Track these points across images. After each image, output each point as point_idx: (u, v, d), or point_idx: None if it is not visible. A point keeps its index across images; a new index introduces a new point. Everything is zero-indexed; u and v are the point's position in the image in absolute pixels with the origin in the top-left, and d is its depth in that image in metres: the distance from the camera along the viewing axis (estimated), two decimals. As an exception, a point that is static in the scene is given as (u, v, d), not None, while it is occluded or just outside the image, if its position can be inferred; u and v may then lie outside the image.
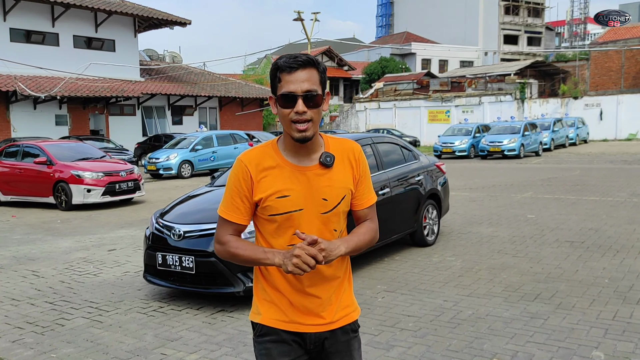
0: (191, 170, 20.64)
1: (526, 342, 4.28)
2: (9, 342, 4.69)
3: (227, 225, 2.05)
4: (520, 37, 63.89)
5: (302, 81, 1.91)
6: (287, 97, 1.92)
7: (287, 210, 1.97)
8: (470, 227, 8.98)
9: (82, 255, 7.99)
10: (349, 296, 2.13)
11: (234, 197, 2.02)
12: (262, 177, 1.99)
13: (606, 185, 13.71)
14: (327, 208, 2.01)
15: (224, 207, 2.06)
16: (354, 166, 2.08)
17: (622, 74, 41.85)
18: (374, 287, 5.89)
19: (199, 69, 38.20)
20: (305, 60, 1.92)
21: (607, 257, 6.75)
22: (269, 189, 1.98)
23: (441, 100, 39.75)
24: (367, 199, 2.14)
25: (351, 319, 2.11)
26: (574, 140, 32.08)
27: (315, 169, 2.01)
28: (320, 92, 1.95)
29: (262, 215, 2.03)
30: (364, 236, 2.09)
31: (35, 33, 26.61)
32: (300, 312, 2.03)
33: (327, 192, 2.00)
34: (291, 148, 2.01)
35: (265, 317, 2.06)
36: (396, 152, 7.69)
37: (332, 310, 2.06)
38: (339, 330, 2.08)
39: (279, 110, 1.97)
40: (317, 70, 1.95)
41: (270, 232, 2.04)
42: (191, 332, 4.77)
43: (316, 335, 2.05)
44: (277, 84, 1.95)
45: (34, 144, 14.06)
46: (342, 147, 2.08)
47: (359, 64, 58.74)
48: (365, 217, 2.15)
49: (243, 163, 2.01)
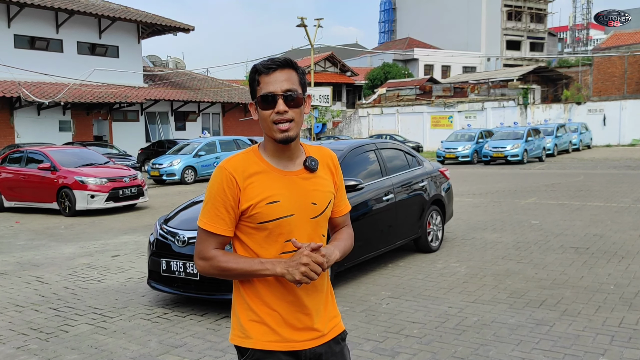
0: (194, 176, 20.66)
1: (532, 349, 4.25)
2: (13, 348, 4.68)
3: (210, 239, 1.93)
4: (523, 42, 63.97)
5: (281, 81, 1.88)
6: (266, 98, 1.88)
7: (278, 216, 1.89)
8: (475, 233, 8.95)
9: (86, 261, 7.99)
10: (334, 306, 2.08)
11: (218, 208, 1.90)
12: (249, 184, 1.89)
13: (610, 191, 13.68)
14: (317, 212, 1.96)
15: (206, 220, 1.92)
16: (334, 172, 2.07)
17: (625, 80, 41.81)
18: (378, 294, 5.87)
19: (202, 74, 38.30)
20: (283, 61, 1.90)
21: (613, 263, 6.72)
22: (258, 195, 1.89)
23: (444, 106, 39.77)
24: (345, 205, 2.14)
25: (340, 328, 2.08)
26: (577, 146, 32.04)
27: (301, 174, 1.96)
28: (300, 92, 1.91)
29: (248, 225, 1.92)
30: (347, 241, 2.09)
31: (39, 39, 26.74)
32: (293, 328, 1.93)
33: (315, 196, 1.96)
34: (274, 153, 1.96)
35: (256, 341, 1.92)
36: (400, 157, 7.68)
37: (323, 322, 2.00)
38: (332, 341, 2.02)
39: (259, 113, 1.93)
40: (296, 72, 1.92)
41: (258, 242, 1.93)
42: (195, 339, 4.76)
43: (311, 352, 1.96)
44: (256, 87, 1.91)
45: (37, 150, 14.10)
46: (321, 154, 2.06)
47: (361, 70, 58.86)
48: (343, 224, 2.15)
49: (227, 170, 1.90)
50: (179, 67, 40.74)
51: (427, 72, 58.27)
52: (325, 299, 2.02)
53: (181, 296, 5.79)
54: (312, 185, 1.96)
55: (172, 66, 41.31)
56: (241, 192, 1.89)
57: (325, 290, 2.03)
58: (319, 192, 1.97)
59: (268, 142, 1.96)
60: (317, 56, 47.75)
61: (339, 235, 2.10)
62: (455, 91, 42.63)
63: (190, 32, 32.22)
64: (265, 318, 1.92)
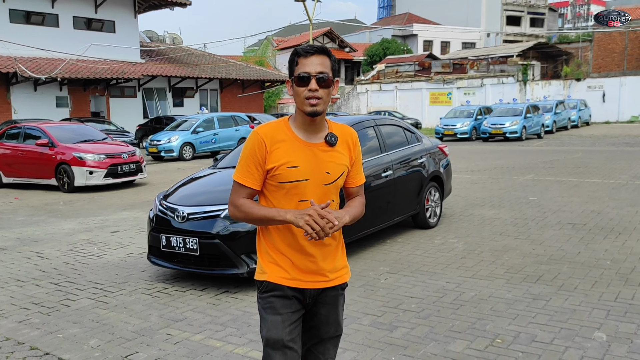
0: (192, 152, 20.62)
1: (528, 323, 4.31)
2: (15, 322, 4.73)
3: (241, 190, 2.31)
4: (523, 18, 63.33)
5: (316, 64, 2.21)
6: (302, 77, 2.21)
7: (295, 179, 2.25)
8: (473, 210, 8.99)
9: (86, 237, 8.02)
10: (343, 260, 2.45)
11: (249, 165, 2.27)
12: (275, 149, 2.24)
13: (608, 168, 13.70)
14: (329, 180, 2.30)
15: (239, 174, 2.31)
16: (352, 149, 2.40)
17: (626, 56, 41.55)
18: (376, 269, 5.92)
19: (199, 50, 37.96)
20: (320, 48, 2.25)
21: (609, 240, 6.77)
22: (281, 159, 2.24)
23: (443, 82, 39.57)
24: (359, 178, 2.47)
25: (344, 279, 2.45)
26: (576, 123, 31.99)
27: (321, 146, 2.30)
28: (331, 76, 2.24)
29: (272, 182, 2.28)
30: (358, 209, 2.42)
31: (34, 14, 26.41)
32: (301, 270, 2.31)
33: (330, 166, 2.30)
34: (301, 125, 2.29)
35: (270, 275, 2.32)
36: (399, 134, 7.67)
37: (330, 270, 2.36)
38: (332, 288, 2.40)
39: (294, 89, 2.25)
40: (329, 58, 2.26)
41: (278, 198, 2.29)
42: (196, 313, 4.81)
43: (314, 291, 2.35)
44: (295, 67, 2.24)
45: (35, 126, 14.04)
46: (343, 132, 2.38)
47: (360, 46, 58.36)
48: (356, 194, 2.48)
49: (259, 135, 2.26)
50: (176, 43, 40.37)
51: (426, 48, 57.77)
52: (334, 251, 2.38)
53: (181, 271, 5.83)
54: (329, 157, 2.30)
55: (169, 42, 40.93)
56: (268, 154, 2.25)
57: (335, 244, 2.38)
58: (334, 163, 2.31)
59: (298, 115, 2.29)
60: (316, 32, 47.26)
61: (352, 203, 2.44)
62: (455, 67, 42.38)
63: (187, 7, 31.86)
64: (278, 260, 2.33)
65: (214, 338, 4.26)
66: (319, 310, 2.40)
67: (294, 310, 2.32)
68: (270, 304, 2.32)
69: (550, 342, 3.96)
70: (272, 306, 2.31)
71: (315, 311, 2.41)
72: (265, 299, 2.34)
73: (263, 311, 2.35)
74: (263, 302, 2.35)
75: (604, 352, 3.77)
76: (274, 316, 2.30)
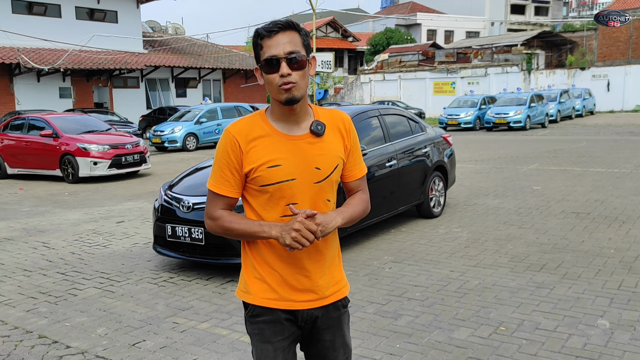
0: (196, 142, 20.65)
1: (532, 311, 4.33)
2: (23, 311, 4.78)
3: (218, 200, 1.99)
4: (528, 6, 62.92)
5: (283, 44, 1.85)
6: (270, 62, 1.86)
7: (278, 180, 1.91)
8: (476, 199, 9.00)
9: (91, 227, 8.07)
10: (339, 272, 2.10)
11: (224, 170, 1.96)
12: (252, 148, 1.92)
13: (612, 157, 13.68)
14: (321, 177, 1.96)
15: (213, 181, 1.98)
16: (345, 136, 2.03)
17: (631, 45, 41.26)
18: (381, 258, 5.95)
19: (202, 40, 37.87)
20: (285, 23, 1.88)
21: (613, 228, 6.78)
22: (259, 159, 1.91)
23: (447, 72, 39.41)
24: (359, 170, 2.10)
25: (342, 294, 2.09)
26: (581, 112, 31.86)
27: (307, 138, 1.95)
28: (304, 54, 1.88)
29: (253, 187, 1.96)
30: (357, 207, 2.06)
31: (37, 4, 26.38)
32: (292, 288, 1.98)
33: (319, 160, 1.95)
34: (280, 117, 1.96)
35: (256, 297, 2.00)
36: (403, 124, 7.67)
37: (324, 285, 2.02)
38: (331, 306, 2.05)
39: (264, 78, 1.91)
40: (299, 33, 1.90)
41: (261, 204, 1.97)
42: (202, 302, 4.85)
43: (308, 313, 2.02)
44: (260, 52, 1.89)
45: (39, 117, 14.06)
46: (332, 117, 2.03)
47: (363, 35, 58.10)
48: (357, 189, 2.12)
49: (231, 134, 1.94)
50: (179, 33, 40.22)
51: (430, 37, 57.50)
52: (330, 262, 2.04)
53: (187, 261, 5.87)
54: (318, 149, 1.95)
55: (171, 32, 40.76)
56: (244, 155, 1.92)
57: (331, 254, 2.05)
58: (324, 156, 1.96)
59: (274, 106, 1.96)
60: (319, 21, 47.12)
61: (350, 201, 2.08)
62: (458, 57, 42.16)
63: (189, -3, 31.72)
64: (266, 277, 1.99)
65: (220, 326, 4.30)
66: (322, 336, 2.07)
67: (286, 336, 2.02)
68: (260, 330, 2.02)
69: (553, 329, 3.99)
70: (262, 334, 2.01)
71: (319, 337, 2.08)
72: (253, 324, 2.04)
73: (252, 336, 2.06)
74: (251, 327, 2.05)
75: (607, 340, 3.79)
76: (264, 344, 2.01)
